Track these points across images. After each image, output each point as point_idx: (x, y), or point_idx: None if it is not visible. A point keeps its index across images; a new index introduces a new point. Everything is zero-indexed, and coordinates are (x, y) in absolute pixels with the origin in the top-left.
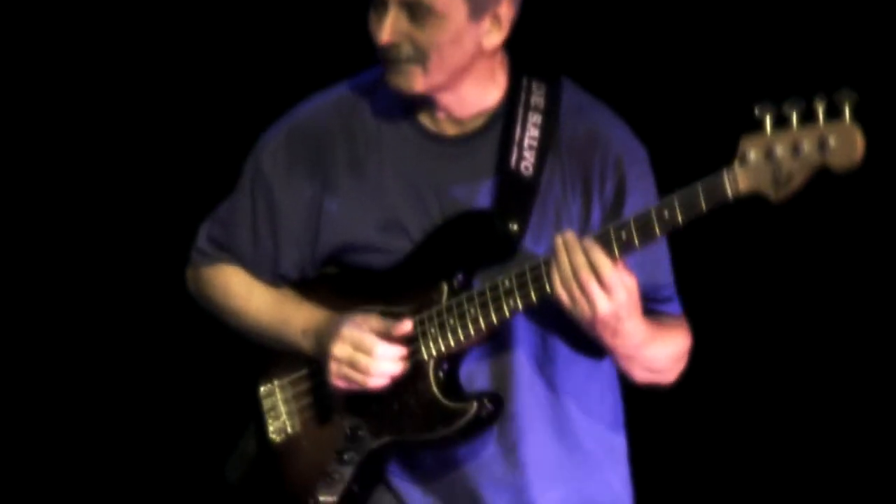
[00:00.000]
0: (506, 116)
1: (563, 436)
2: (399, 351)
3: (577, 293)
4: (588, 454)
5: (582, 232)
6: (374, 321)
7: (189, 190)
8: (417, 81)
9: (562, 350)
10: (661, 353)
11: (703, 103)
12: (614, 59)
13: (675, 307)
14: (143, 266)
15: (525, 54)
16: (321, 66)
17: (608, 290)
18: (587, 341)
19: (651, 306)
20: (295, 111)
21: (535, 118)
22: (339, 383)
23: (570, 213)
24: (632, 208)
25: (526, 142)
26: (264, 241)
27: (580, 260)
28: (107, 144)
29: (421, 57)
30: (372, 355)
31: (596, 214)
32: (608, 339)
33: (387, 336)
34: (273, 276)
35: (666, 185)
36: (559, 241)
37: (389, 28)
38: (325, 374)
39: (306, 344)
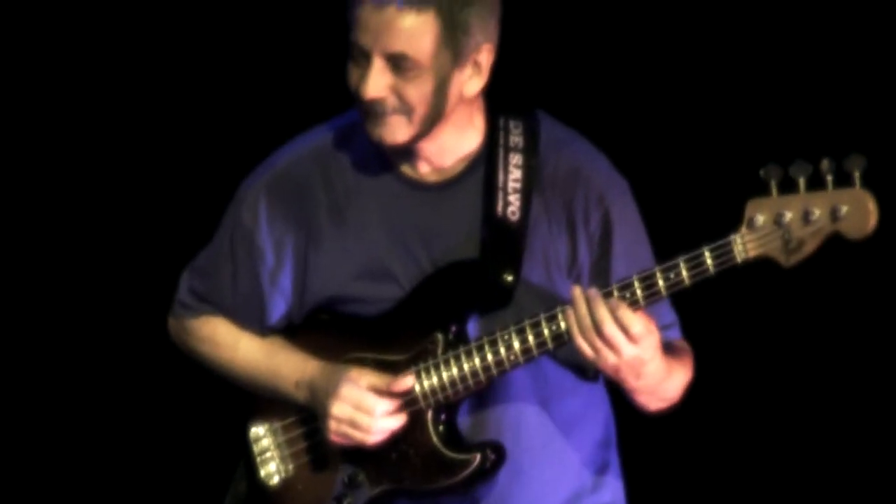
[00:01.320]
0: (487, 161)
1: (564, 475)
2: (398, 406)
3: (600, 344)
4: (584, 482)
5: (570, 269)
6: (371, 376)
7: (187, 196)
8: (401, 133)
9: (557, 389)
10: (675, 384)
11: (701, 161)
12: (613, 118)
13: (676, 332)
14: (132, 305)
15: (498, 93)
16: (314, 74)
17: (633, 339)
18: (580, 377)
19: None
20: (272, 161)
21: (515, 159)
22: (337, 440)
23: (558, 252)
24: (620, 242)
25: (510, 185)
26: (248, 293)
27: (603, 313)
28: (106, 146)
29: (406, 109)
30: (372, 415)
31: (583, 250)
32: (632, 381)
33: (385, 392)
34: (260, 326)
35: (666, 241)
36: (578, 294)
37: (374, 83)
38: (321, 428)
39: (300, 395)
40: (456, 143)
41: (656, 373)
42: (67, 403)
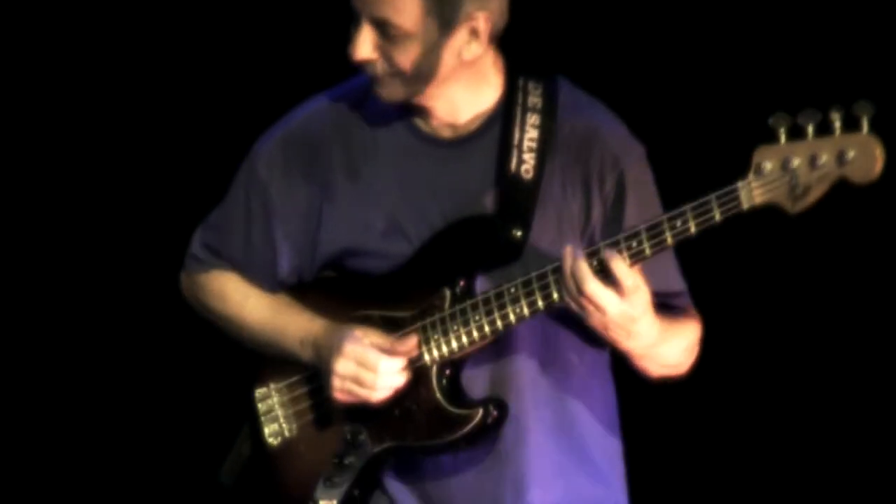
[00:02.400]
0: (503, 118)
1: (564, 437)
2: (402, 364)
3: (585, 301)
4: (588, 455)
5: (583, 230)
6: (375, 336)
7: (185, 190)
8: (398, 92)
9: (562, 350)
10: (675, 348)
11: (712, 112)
12: (624, 68)
13: (686, 299)
14: (137, 266)
15: (521, 54)
16: (317, 66)
17: (620, 292)
18: (587, 341)
19: (662, 301)
20: (289, 118)
21: (532, 119)
22: (341, 397)
23: (571, 213)
24: (633, 205)
25: (525, 144)
26: (260, 248)
27: (584, 270)
28: (104, 145)
29: (397, 71)
30: (376, 371)
31: (596, 213)
32: (623, 341)
33: (389, 350)
34: (271, 282)
35: (677, 194)
36: (567, 252)
37: (361, 45)
38: (324, 384)
39: (305, 354)
40: (470, 100)
41: (649, 333)
42: (74, 368)
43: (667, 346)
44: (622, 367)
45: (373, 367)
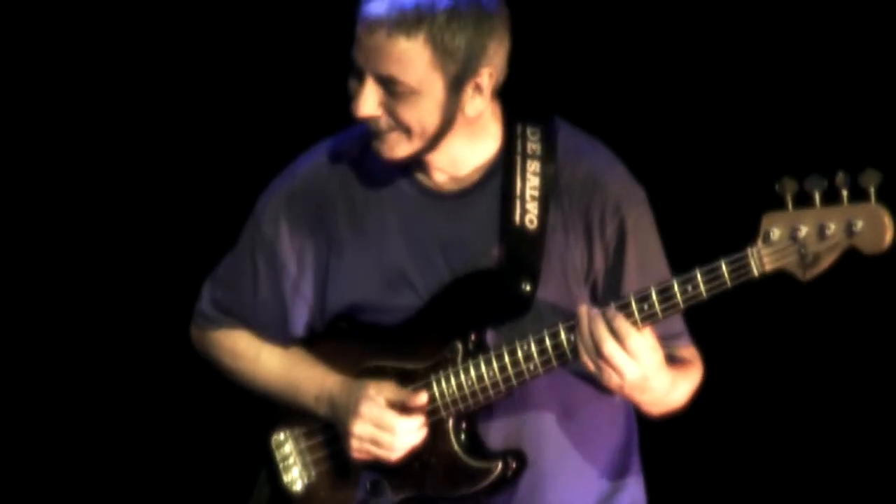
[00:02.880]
0: (504, 168)
1: (582, 482)
2: (419, 422)
3: (603, 364)
4: (605, 488)
5: (586, 277)
6: (389, 391)
7: (195, 195)
8: (400, 149)
9: (578, 396)
10: (681, 393)
11: (716, 174)
12: (629, 129)
13: (686, 340)
14: (151, 311)
15: (516, 98)
16: (326, 81)
17: (635, 357)
18: (602, 387)
19: (664, 344)
20: (291, 171)
21: (533, 166)
22: (360, 457)
23: (574, 260)
24: (633, 251)
25: (528, 193)
26: (270, 305)
27: (603, 332)
28: (110, 149)
29: (401, 128)
30: (394, 433)
31: (599, 259)
32: (636, 396)
33: (404, 408)
34: (282, 338)
35: (684, 249)
36: (582, 312)
37: (365, 102)
38: (342, 442)
39: (320, 410)
40: (470, 152)
41: (661, 386)
42: (88, 410)
43: (673, 394)
44: None
45: (390, 429)
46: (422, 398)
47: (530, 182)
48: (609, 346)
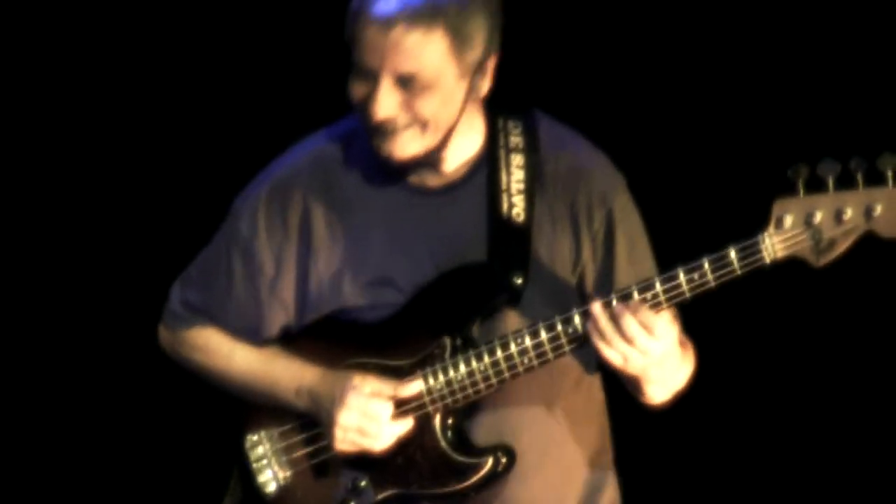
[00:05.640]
0: (489, 163)
1: (564, 468)
2: (406, 411)
3: (630, 352)
4: (585, 481)
5: (574, 268)
6: (375, 383)
7: (188, 197)
8: (414, 146)
9: (560, 382)
10: (684, 374)
11: (723, 161)
12: (635, 119)
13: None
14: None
15: (496, 94)
16: (313, 79)
17: (659, 338)
18: (581, 374)
19: None
20: (270, 170)
21: (517, 159)
22: (344, 448)
23: (562, 251)
24: (623, 240)
25: (513, 186)
26: (244, 306)
27: (630, 322)
28: (106, 148)
29: (418, 123)
30: (380, 422)
31: (587, 250)
32: (654, 372)
33: (392, 398)
34: (257, 339)
35: (689, 243)
36: (599, 311)
37: (383, 103)
38: (325, 434)
39: (301, 404)
40: (458, 147)
41: (674, 361)
42: (60, 410)
43: (679, 372)
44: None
45: (376, 418)
46: (412, 387)
47: (515, 175)
48: (638, 335)
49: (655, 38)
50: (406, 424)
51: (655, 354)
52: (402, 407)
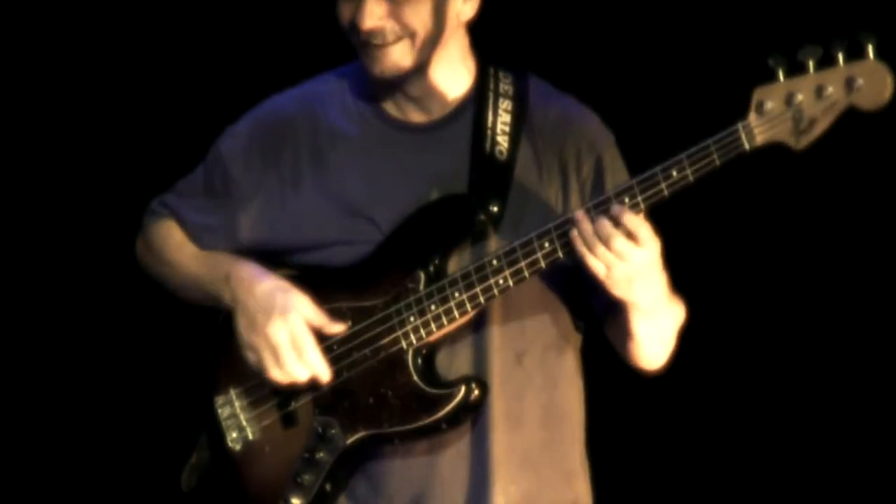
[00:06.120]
0: (476, 103)
1: (531, 429)
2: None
3: (611, 257)
4: (554, 449)
5: (561, 214)
6: (311, 312)
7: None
8: (405, 58)
9: (534, 336)
10: (672, 321)
11: (698, 60)
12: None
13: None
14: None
15: (491, 49)
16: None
17: (643, 244)
18: (563, 334)
19: None
20: (259, 106)
21: (505, 104)
22: (249, 355)
23: (548, 197)
24: (612, 186)
25: (498, 127)
26: (214, 219)
27: (610, 229)
28: (103, 146)
29: (407, 33)
30: (301, 358)
31: (574, 197)
32: (645, 294)
33: (320, 331)
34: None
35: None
36: (582, 216)
37: (371, 13)
38: (238, 327)
39: (227, 292)
40: (447, 83)
41: (663, 285)
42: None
43: (668, 314)
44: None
45: (300, 351)
46: (337, 327)
47: (501, 118)
48: (618, 241)
49: None
50: (310, 370)
51: (638, 261)
52: (324, 342)
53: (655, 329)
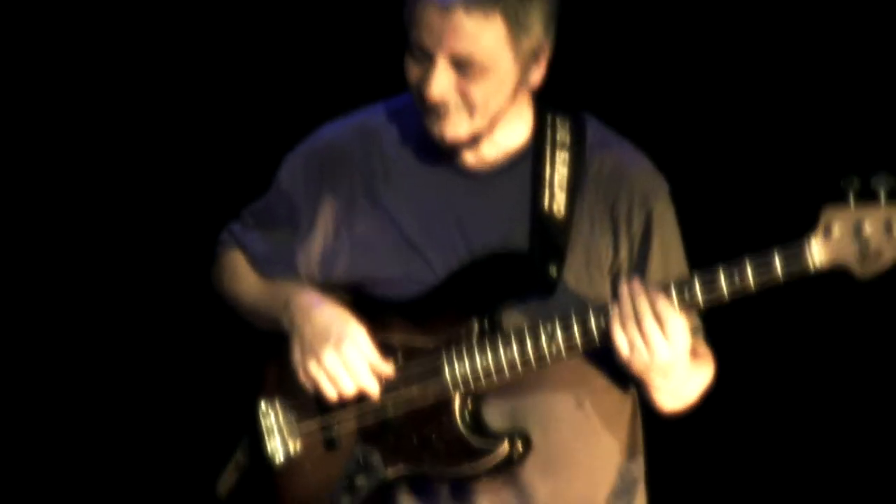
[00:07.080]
0: (534, 155)
1: (590, 468)
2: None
3: (638, 341)
4: (611, 483)
5: (610, 268)
6: (366, 344)
7: (196, 194)
8: (462, 129)
9: (594, 380)
10: (695, 386)
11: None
12: (687, 117)
13: (702, 335)
14: (147, 272)
15: (546, 90)
16: (335, 73)
17: (670, 340)
18: (615, 375)
19: None
20: (319, 132)
21: (562, 155)
22: (302, 378)
23: (598, 251)
24: (659, 244)
25: (556, 181)
26: (275, 248)
27: (646, 308)
28: (109, 147)
29: (468, 107)
30: (358, 380)
31: (624, 251)
32: (657, 381)
33: (372, 368)
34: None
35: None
36: (625, 288)
37: (438, 83)
38: (291, 350)
39: (285, 317)
40: (506, 136)
41: (682, 375)
42: (74, 372)
43: (690, 385)
44: None
45: (356, 377)
46: (386, 365)
47: (559, 171)
48: (649, 323)
49: (709, 42)
50: (363, 390)
51: (661, 355)
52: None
53: (675, 396)
